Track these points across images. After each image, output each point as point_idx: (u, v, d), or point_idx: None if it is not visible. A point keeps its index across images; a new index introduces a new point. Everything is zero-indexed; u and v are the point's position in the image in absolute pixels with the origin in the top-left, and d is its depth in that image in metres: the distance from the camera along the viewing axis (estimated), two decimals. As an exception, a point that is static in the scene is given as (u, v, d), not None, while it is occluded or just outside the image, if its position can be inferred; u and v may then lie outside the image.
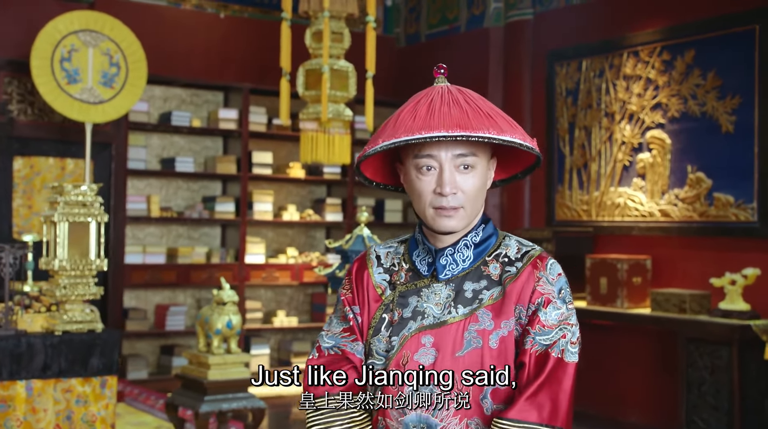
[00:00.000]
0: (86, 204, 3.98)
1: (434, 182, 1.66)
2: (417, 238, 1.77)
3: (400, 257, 1.78)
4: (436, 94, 1.67)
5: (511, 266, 1.70)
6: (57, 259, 3.90)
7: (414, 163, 1.67)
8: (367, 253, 1.82)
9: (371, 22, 5.70)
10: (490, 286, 1.69)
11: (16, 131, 6.14)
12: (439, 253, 1.71)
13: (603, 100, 6.29)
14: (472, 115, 1.61)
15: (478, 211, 1.72)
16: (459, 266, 1.71)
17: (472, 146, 1.66)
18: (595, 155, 6.33)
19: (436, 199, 1.66)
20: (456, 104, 1.63)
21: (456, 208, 1.66)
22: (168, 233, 7.11)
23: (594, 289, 5.90)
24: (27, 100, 6.24)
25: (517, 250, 1.72)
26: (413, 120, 1.63)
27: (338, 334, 1.77)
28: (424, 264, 1.74)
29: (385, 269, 1.78)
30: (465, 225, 1.69)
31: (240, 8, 7.39)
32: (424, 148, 1.66)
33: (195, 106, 7.23)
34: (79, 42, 5.79)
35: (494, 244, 1.74)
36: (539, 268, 1.68)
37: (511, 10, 6.93)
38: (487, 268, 1.71)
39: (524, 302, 1.66)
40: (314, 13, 5.70)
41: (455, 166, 1.65)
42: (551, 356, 1.63)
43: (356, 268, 1.81)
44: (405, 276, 1.75)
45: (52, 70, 5.69)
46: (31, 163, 6.35)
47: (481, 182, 1.68)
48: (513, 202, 6.88)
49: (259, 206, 7.09)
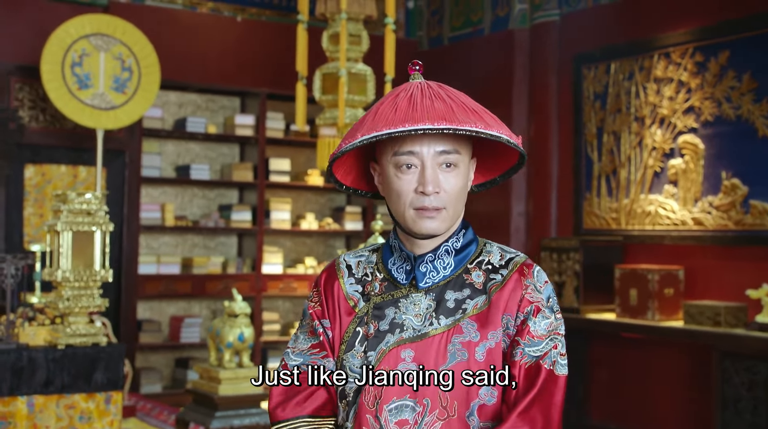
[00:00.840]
0: (91, 212, 3.89)
1: (415, 181, 1.58)
2: (393, 245, 1.68)
3: (373, 266, 1.69)
4: (416, 88, 1.59)
5: (495, 274, 1.63)
6: (60, 269, 3.81)
7: (393, 161, 1.59)
8: (336, 262, 1.73)
9: (390, 23, 5.60)
10: (474, 295, 1.61)
11: (27, 138, 6.09)
12: (419, 259, 1.63)
13: (632, 103, 6.14)
14: (457, 109, 1.55)
15: (459, 214, 1.64)
16: (440, 274, 1.63)
17: (456, 143, 1.59)
18: (625, 161, 6.18)
19: (417, 199, 1.57)
20: (438, 98, 1.56)
21: (438, 209, 1.57)
22: (183, 243, 7.04)
23: (623, 301, 5.75)
24: (38, 107, 6.19)
25: (500, 256, 1.65)
26: (394, 113, 1.55)
27: (306, 350, 1.67)
28: (401, 272, 1.65)
29: (357, 280, 1.69)
30: (447, 228, 1.61)
31: (257, 11, 7.31)
32: (404, 144, 1.58)
33: (211, 112, 7.16)
34: (90, 46, 5.73)
35: (475, 251, 1.66)
36: (526, 275, 1.61)
37: (537, 11, 6.80)
38: (470, 276, 1.63)
39: (512, 311, 1.59)
40: (331, 15, 5.61)
41: (438, 163, 1.58)
42: (542, 368, 1.56)
43: (325, 279, 1.71)
44: (379, 286, 1.66)
45: (62, 75, 5.63)
46: (43, 171, 6.30)
47: (463, 182, 1.61)
48: (539, 209, 6.74)
49: (277, 215, 7.00)
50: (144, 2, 6.83)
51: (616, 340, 6.07)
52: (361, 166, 1.74)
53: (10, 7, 6.29)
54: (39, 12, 6.33)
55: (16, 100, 6.15)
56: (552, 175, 6.68)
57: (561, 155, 6.65)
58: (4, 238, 6.01)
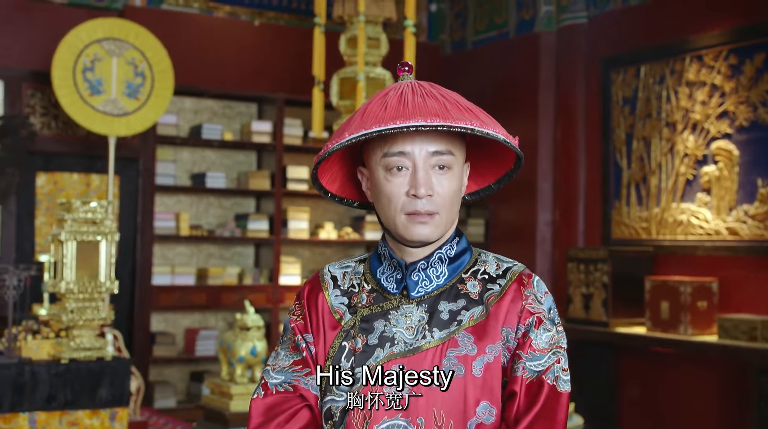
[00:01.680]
0: (96, 222, 3.82)
1: (406, 184, 1.52)
2: (382, 253, 1.62)
3: (360, 277, 1.63)
4: (406, 87, 1.54)
5: (492, 284, 1.57)
6: (64, 281, 3.73)
7: (383, 163, 1.53)
8: (320, 274, 1.66)
9: (410, 26, 5.50)
10: (470, 306, 1.55)
11: (38, 146, 6.04)
12: (410, 267, 1.57)
13: (663, 108, 6.01)
14: (451, 107, 1.50)
15: (453, 221, 1.58)
16: (433, 283, 1.57)
17: (450, 143, 1.53)
18: (655, 168, 6.04)
19: (408, 203, 1.52)
20: (431, 96, 1.51)
21: (431, 214, 1.52)
22: (198, 253, 6.97)
23: (654, 314, 5.60)
24: (51, 113, 6.15)
25: (496, 266, 1.60)
26: (384, 110, 1.50)
27: (288, 367, 1.60)
28: (391, 281, 1.59)
29: (343, 291, 1.62)
30: (440, 235, 1.55)
31: (276, 15, 7.24)
32: (395, 143, 1.52)
33: (227, 119, 7.10)
34: (102, 51, 5.68)
35: (470, 260, 1.61)
36: (526, 285, 1.56)
37: (564, 13, 6.70)
38: (465, 285, 1.58)
39: (512, 323, 1.53)
40: (349, 18, 5.53)
41: (430, 165, 1.52)
42: (545, 384, 1.50)
43: (308, 292, 1.64)
44: (367, 298, 1.60)
45: (74, 80, 5.58)
46: (55, 179, 6.26)
47: (457, 186, 1.55)
48: (566, 219, 6.62)
49: (295, 224, 6.92)
50: (160, 6, 6.79)
51: (646, 355, 5.93)
52: (347, 172, 1.67)
53: (23, 12, 6.27)
54: (52, 16, 6.30)
55: (28, 106, 6.12)
56: (579, 183, 6.56)
57: (589, 162, 6.53)
58: (15, 248, 5.96)
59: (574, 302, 6.08)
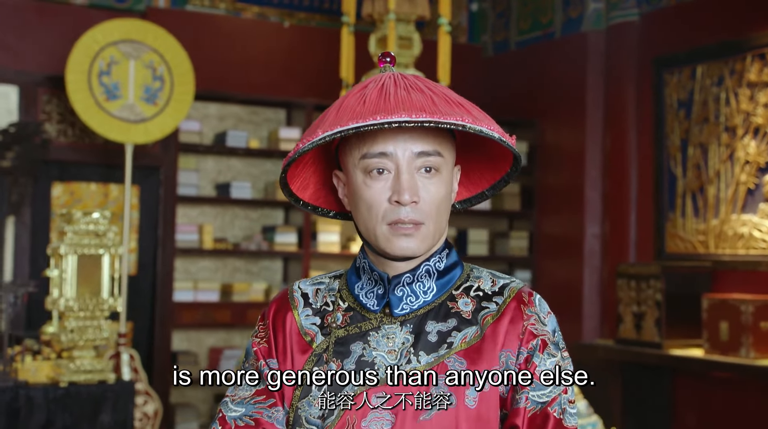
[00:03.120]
0: (99, 234, 3.66)
1: (388, 189, 1.41)
2: (361, 266, 1.50)
3: (335, 294, 1.51)
4: (388, 79, 1.42)
5: (488, 302, 1.46)
6: (63, 298, 3.57)
7: (362, 166, 1.42)
8: (289, 291, 1.54)
9: (444, 24, 5.32)
10: (462, 326, 1.44)
11: (54, 154, 5.94)
12: (394, 281, 1.45)
13: (722, 112, 5.77)
14: (439, 101, 1.38)
15: (442, 232, 1.47)
16: (419, 300, 1.46)
17: (438, 143, 1.42)
18: (713, 177, 5.80)
19: (390, 211, 1.41)
20: (416, 89, 1.40)
21: (417, 224, 1.41)
22: (223, 267, 6.83)
23: (712, 335, 5.34)
24: (67, 120, 6.04)
25: (491, 282, 1.49)
26: (363, 104, 1.38)
27: (249, 398, 1.46)
28: (371, 297, 1.47)
29: (315, 310, 1.50)
30: (426, 249, 1.44)
31: (307, 16, 7.10)
32: (375, 143, 1.40)
33: (254, 125, 6.95)
34: (119, 54, 5.55)
35: (461, 276, 1.50)
36: (527, 303, 1.45)
37: (613, 10, 6.52)
38: (456, 303, 1.46)
39: (512, 346, 1.42)
40: (379, 17, 5.36)
41: (416, 168, 1.41)
42: (551, 417, 1.40)
43: (274, 311, 1.52)
44: (343, 317, 1.47)
45: (89, 85, 5.46)
46: (72, 189, 6.15)
47: (446, 191, 1.44)
48: (616, 231, 6.41)
49: (325, 237, 6.75)
50: (184, 7, 6.69)
51: (704, 379, 5.67)
52: (321, 177, 1.56)
53: (40, 14, 6.19)
54: (71, 18, 6.21)
55: (44, 112, 6.02)
56: (631, 193, 6.35)
57: (640, 171, 6.32)
58: (29, 262, 5.85)
59: (624, 322, 5.85)
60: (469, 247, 7.08)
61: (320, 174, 1.55)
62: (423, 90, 1.40)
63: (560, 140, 6.84)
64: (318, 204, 1.57)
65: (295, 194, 1.54)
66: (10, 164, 5.53)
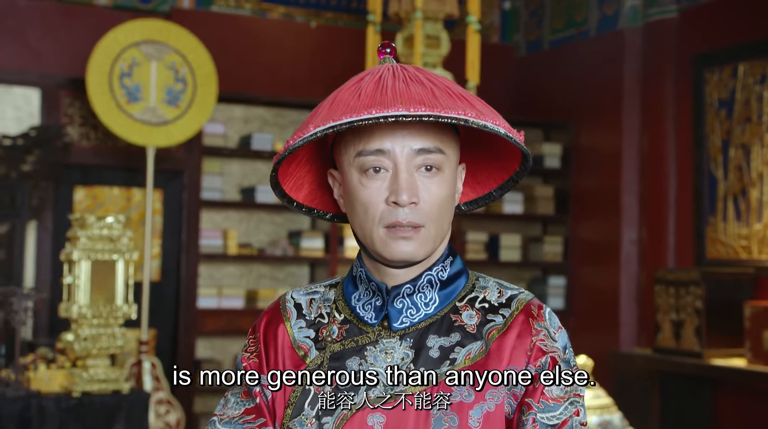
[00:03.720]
0: (113, 239, 3.60)
1: (386, 189, 1.33)
2: (357, 275, 1.42)
3: (330, 305, 1.43)
4: (386, 71, 1.35)
5: (494, 314, 1.38)
6: (76, 305, 3.52)
7: (357, 164, 1.34)
8: (281, 301, 1.47)
9: (473, 23, 5.24)
10: (466, 341, 1.36)
11: (76, 158, 5.92)
12: (393, 292, 1.37)
13: (765, 111, 5.64)
14: (440, 94, 1.31)
15: (444, 236, 1.39)
16: (420, 312, 1.38)
17: (439, 139, 1.34)
18: (756, 179, 5.65)
19: (388, 213, 1.33)
20: (416, 81, 1.33)
21: (416, 227, 1.33)
22: (248, 273, 6.77)
23: (755, 345, 5.20)
24: (89, 123, 6.02)
25: (498, 293, 1.40)
26: (358, 98, 1.31)
27: (238, 417, 1.40)
28: (369, 310, 1.39)
29: (309, 322, 1.43)
30: (427, 253, 1.36)
31: (334, 16, 7.03)
32: (371, 140, 1.33)
33: (279, 128, 6.89)
34: (140, 55, 5.52)
35: (466, 286, 1.42)
36: (535, 316, 1.37)
37: (651, 7, 6.40)
38: (459, 316, 1.38)
39: (519, 364, 1.33)
40: (406, 15, 5.29)
41: (415, 166, 1.34)
42: None
43: (265, 323, 1.45)
44: (339, 330, 1.40)
45: (110, 87, 5.43)
46: (94, 194, 6.12)
47: (448, 192, 1.37)
48: (654, 236, 6.27)
49: (352, 242, 6.67)
50: (209, 8, 6.65)
51: (746, 391, 5.53)
52: (316, 177, 1.49)
53: (63, 15, 6.18)
54: (95, 20, 6.19)
55: (66, 115, 6.00)
56: (669, 197, 6.22)
57: (679, 173, 6.18)
58: (50, 268, 5.83)
59: (662, 330, 5.71)
60: (501, 252, 6.97)
61: (316, 173, 1.48)
62: (423, 82, 1.33)
63: (596, 142, 6.72)
64: (314, 205, 1.50)
65: (288, 195, 1.46)
66: (30, 168, 5.52)
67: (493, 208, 6.89)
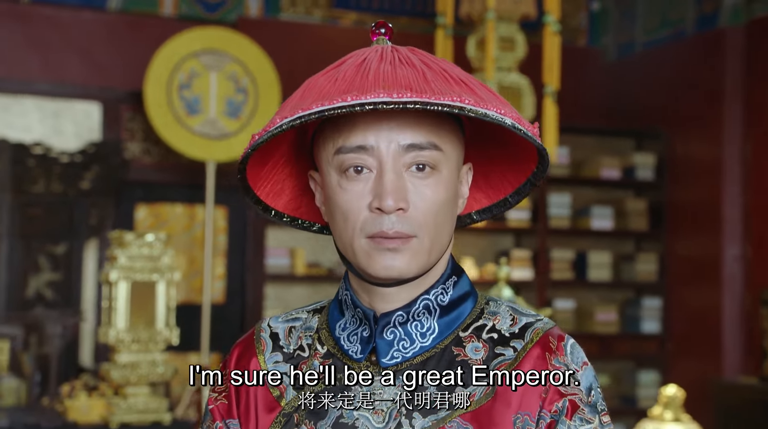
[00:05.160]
0: (153, 258, 3.50)
1: (369, 193, 1.16)
2: (343, 300, 1.25)
3: (311, 335, 1.26)
4: (373, 52, 1.18)
5: (504, 347, 1.20)
6: (114, 329, 3.42)
7: (336, 163, 1.17)
8: (256, 330, 1.30)
9: (552, 23, 5.00)
10: (469, 380, 1.18)
11: (138, 175, 5.91)
12: (382, 320, 1.20)
13: None
14: (433, 77, 1.13)
15: (442, 249, 1.21)
16: (415, 344, 1.20)
17: (435, 133, 1.16)
18: None
19: (371, 221, 1.15)
20: (406, 64, 1.15)
21: (405, 238, 1.15)
22: (316, 294, 6.67)
23: None
24: (151, 138, 6.00)
25: (511, 320, 1.22)
26: (334, 83, 1.14)
27: None
28: (354, 341, 1.22)
29: (286, 356, 1.26)
30: (420, 269, 1.18)
31: (408, 21, 6.90)
32: (352, 133, 1.15)
33: (351, 140, 6.80)
34: (200, 65, 5.46)
35: (472, 312, 1.24)
36: (554, 351, 1.18)
37: (755, 3, 6.17)
38: (463, 349, 1.21)
39: (532, 409, 1.16)
40: (479, 16, 5.09)
41: (405, 165, 1.16)
42: None
43: (236, 357, 1.28)
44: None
45: (168, 99, 5.39)
46: (156, 212, 6.09)
47: (447, 196, 1.18)
48: (760, 253, 6.00)
49: (427, 261, 6.50)
50: (278, 16, 6.59)
51: None
52: (300, 181, 1.31)
53: (128, 27, 6.20)
54: (159, 31, 6.17)
55: (127, 130, 5.99)
56: (776, 209, 5.93)
57: (787, 183, 5.90)
58: (111, 289, 5.82)
59: (769, 357, 5.40)
60: (590, 271, 6.70)
61: (298, 176, 1.31)
62: (414, 64, 1.15)
63: (693, 151, 6.44)
64: (298, 214, 1.33)
65: (264, 202, 1.30)
66: (89, 186, 5.51)
67: (580, 223, 6.66)
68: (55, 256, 5.41)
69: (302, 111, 1.11)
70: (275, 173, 1.29)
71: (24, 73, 6.00)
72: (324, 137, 1.19)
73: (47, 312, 4.18)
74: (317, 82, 1.16)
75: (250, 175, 1.27)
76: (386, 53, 1.17)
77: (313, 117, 1.10)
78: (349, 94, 1.09)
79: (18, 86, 5.91)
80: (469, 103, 1.11)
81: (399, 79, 1.11)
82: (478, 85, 1.17)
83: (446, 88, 1.12)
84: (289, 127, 1.11)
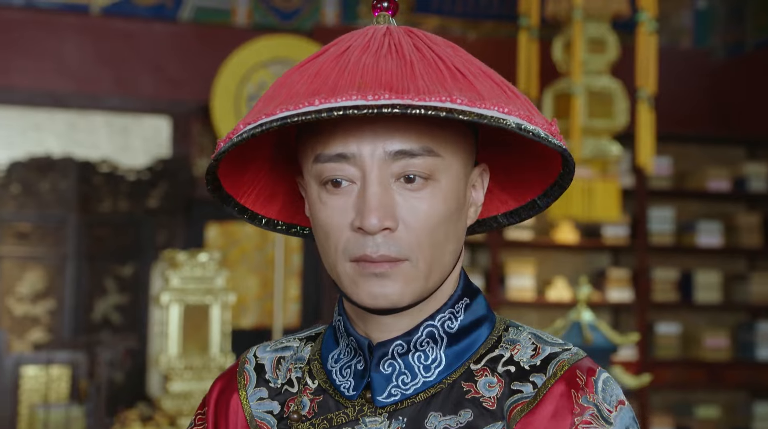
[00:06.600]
0: (206, 279, 3.43)
1: (351, 209, 1.03)
2: (337, 327, 1.12)
3: (301, 368, 1.14)
4: (360, 37, 1.06)
5: (523, 382, 1.06)
6: (165, 354, 3.36)
7: (315, 173, 1.05)
8: (240, 362, 1.18)
9: (647, 22, 4.81)
10: (481, 422, 1.05)
11: (207, 192, 5.89)
12: (378, 351, 1.07)
13: None
14: (422, 70, 1.00)
15: (445, 271, 1.07)
16: (417, 379, 1.07)
17: (430, 136, 1.03)
18: None
19: (354, 242, 1.03)
20: (393, 53, 1.02)
21: (394, 261, 1.02)
22: (398, 317, 6.55)
23: None
24: (223, 153, 6.00)
25: (533, 350, 1.09)
26: (306, 80, 1.01)
27: None
28: (348, 376, 1.09)
29: (273, 391, 1.14)
30: (415, 297, 1.04)
31: (494, 26, 6.78)
32: (332, 139, 1.03)
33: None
34: (268, 75, 5.45)
35: (488, 340, 1.10)
36: (582, 388, 1.04)
37: None
38: (474, 385, 1.07)
39: None
40: (566, 15, 4.92)
41: (392, 175, 1.03)
42: None
43: (218, 393, 1.17)
44: (310, 404, 1.11)
45: (237, 111, 5.37)
46: (229, 231, 6.07)
47: (447, 209, 1.05)
48: None
49: (516, 281, 6.34)
50: (356, 23, 6.53)
51: None
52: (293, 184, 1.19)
53: (201, 38, 6.21)
54: (233, 41, 6.16)
55: (197, 145, 6.00)
56: None
57: None
58: (181, 312, 5.82)
59: None
60: (697, 293, 6.43)
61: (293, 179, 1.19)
62: (404, 53, 1.02)
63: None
64: (296, 221, 1.21)
65: (252, 210, 1.17)
66: (157, 204, 5.51)
67: (685, 239, 6.40)
68: (121, 278, 5.42)
69: (266, 116, 0.99)
70: (261, 178, 1.17)
71: (93, 88, 6.06)
72: (303, 142, 1.08)
73: (113, 336, 4.15)
74: (290, 79, 1.04)
75: (228, 183, 1.15)
76: (375, 38, 1.04)
77: (275, 125, 0.97)
78: (317, 96, 0.97)
79: (87, 101, 5.97)
80: (462, 102, 0.97)
81: (379, 75, 0.98)
82: (476, 76, 1.04)
83: (436, 83, 0.99)
84: (250, 136, 0.99)
